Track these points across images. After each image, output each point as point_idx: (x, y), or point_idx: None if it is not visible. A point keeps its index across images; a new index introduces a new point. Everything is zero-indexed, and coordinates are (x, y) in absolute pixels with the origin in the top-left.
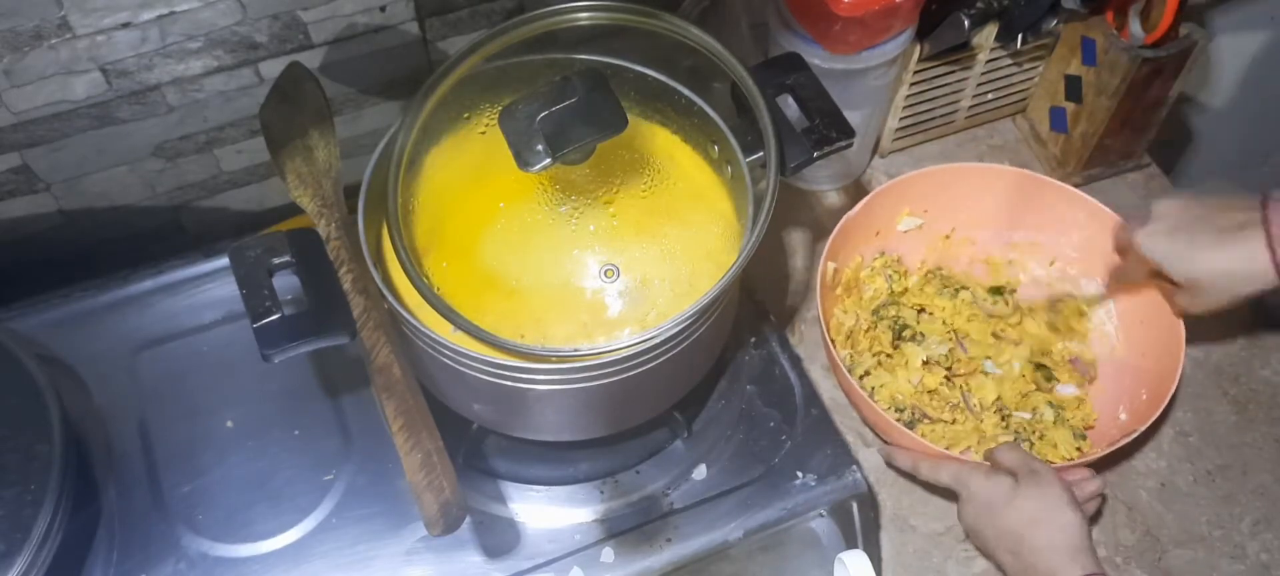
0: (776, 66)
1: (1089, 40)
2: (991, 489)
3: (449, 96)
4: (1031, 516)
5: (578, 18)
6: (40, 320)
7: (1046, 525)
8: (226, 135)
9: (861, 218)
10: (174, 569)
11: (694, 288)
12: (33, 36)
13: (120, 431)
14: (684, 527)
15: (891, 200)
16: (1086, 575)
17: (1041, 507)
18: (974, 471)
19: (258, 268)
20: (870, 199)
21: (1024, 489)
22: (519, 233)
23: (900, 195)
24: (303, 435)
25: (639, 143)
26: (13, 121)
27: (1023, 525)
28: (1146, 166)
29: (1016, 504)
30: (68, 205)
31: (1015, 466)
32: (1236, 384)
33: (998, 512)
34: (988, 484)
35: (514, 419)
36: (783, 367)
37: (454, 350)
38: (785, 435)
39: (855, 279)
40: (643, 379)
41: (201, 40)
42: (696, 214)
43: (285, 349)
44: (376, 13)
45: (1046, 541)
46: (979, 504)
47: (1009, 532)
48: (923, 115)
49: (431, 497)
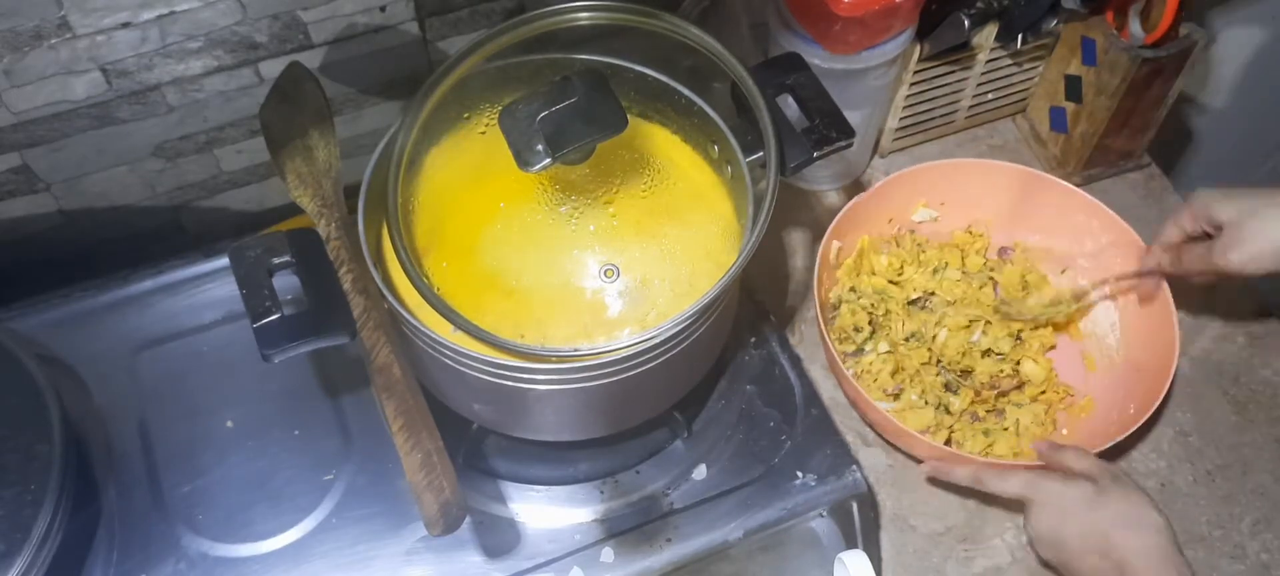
0: (776, 66)
1: (1089, 40)
2: (1072, 493)
3: (449, 96)
4: (1122, 518)
5: (578, 18)
6: (40, 320)
7: (1139, 528)
8: (226, 135)
9: (873, 203)
10: (174, 569)
11: (694, 288)
12: (33, 36)
13: (120, 431)
14: (684, 527)
15: (906, 189)
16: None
17: (1131, 510)
18: (1048, 477)
19: (258, 268)
20: (885, 184)
21: (1109, 490)
22: (519, 233)
23: (913, 185)
24: (303, 435)
25: (639, 143)
26: (13, 121)
27: (1112, 527)
28: (1146, 166)
29: (1105, 504)
30: (68, 205)
31: (1091, 471)
32: (1236, 384)
33: (1081, 516)
34: (1067, 488)
35: (514, 419)
36: (783, 367)
37: (454, 350)
38: (785, 435)
39: (862, 257)
40: (643, 379)
41: (201, 40)
42: (696, 214)
43: (285, 349)
44: (376, 13)
45: (1140, 545)
46: (1058, 508)
47: (1096, 533)
48: (923, 115)
49: (431, 497)
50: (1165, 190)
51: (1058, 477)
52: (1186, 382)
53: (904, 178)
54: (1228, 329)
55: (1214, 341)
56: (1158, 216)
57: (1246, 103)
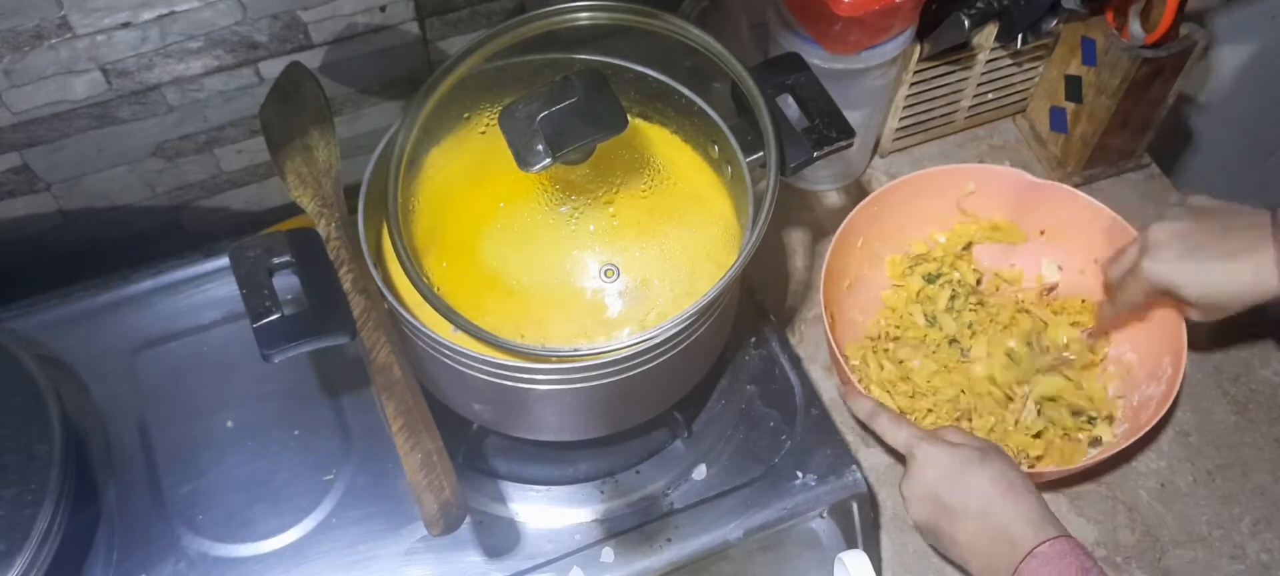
0: (776, 66)
1: (1089, 40)
2: (956, 455)
3: (449, 96)
4: (1007, 483)
5: (578, 18)
6: (40, 320)
7: (1018, 494)
8: (226, 135)
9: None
10: (174, 569)
11: (694, 288)
12: (33, 36)
13: (120, 431)
14: (684, 527)
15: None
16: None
17: (1013, 477)
18: (934, 439)
19: (258, 268)
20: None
21: (992, 458)
22: (519, 233)
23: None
24: (303, 435)
25: (639, 143)
26: (13, 121)
27: (996, 489)
28: (1146, 166)
29: (987, 470)
30: (68, 205)
31: (972, 442)
32: (1236, 384)
33: (963, 478)
34: (952, 451)
35: (514, 419)
36: (783, 367)
37: (454, 350)
38: (785, 435)
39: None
40: (643, 379)
41: (201, 40)
42: (696, 214)
43: (285, 349)
44: (376, 13)
45: (1017, 509)
46: (940, 468)
47: (979, 494)
48: (923, 115)
49: (431, 497)
50: (1165, 190)
51: (943, 442)
52: (1186, 382)
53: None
54: (1228, 329)
55: (1214, 341)
56: (1158, 216)
57: (1246, 103)
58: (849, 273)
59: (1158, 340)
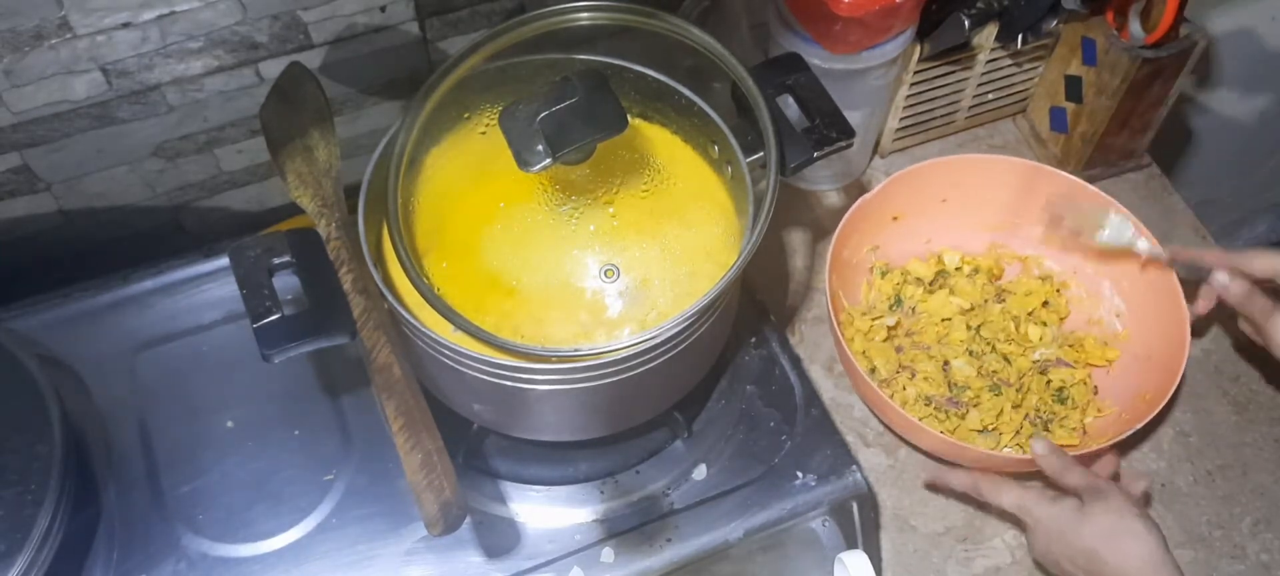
0: (776, 66)
1: (1089, 40)
2: (1059, 513)
3: (449, 96)
4: (1106, 532)
5: (578, 18)
6: (40, 320)
7: (1123, 539)
8: (226, 135)
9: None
10: (174, 569)
11: (694, 288)
12: (33, 36)
13: (120, 431)
14: (684, 527)
15: (918, 183)
16: None
17: (1114, 522)
18: (1038, 498)
19: (258, 268)
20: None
21: (1091, 507)
22: (519, 233)
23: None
24: (303, 435)
25: (639, 143)
26: (13, 121)
27: (1097, 542)
28: (1147, 166)
29: (1088, 523)
30: (68, 205)
31: (1078, 486)
32: (1236, 384)
33: (1069, 536)
34: (1054, 509)
35: (514, 419)
36: (783, 368)
37: (454, 350)
38: (785, 435)
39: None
40: (643, 379)
41: (202, 40)
42: (696, 214)
43: (285, 349)
44: (376, 13)
45: (1124, 557)
46: (1048, 530)
47: (1084, 552)
48: (923, 115)
49: (431, 497)
50: (1165, 190)
51: (1046, 497)
52: (1187, 382)
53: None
54: (1228, 329)
55: (1214, 341)
56: (1158, 216)
57: (1246, 103)
58: (850, 271)
59: (1159, 336)
